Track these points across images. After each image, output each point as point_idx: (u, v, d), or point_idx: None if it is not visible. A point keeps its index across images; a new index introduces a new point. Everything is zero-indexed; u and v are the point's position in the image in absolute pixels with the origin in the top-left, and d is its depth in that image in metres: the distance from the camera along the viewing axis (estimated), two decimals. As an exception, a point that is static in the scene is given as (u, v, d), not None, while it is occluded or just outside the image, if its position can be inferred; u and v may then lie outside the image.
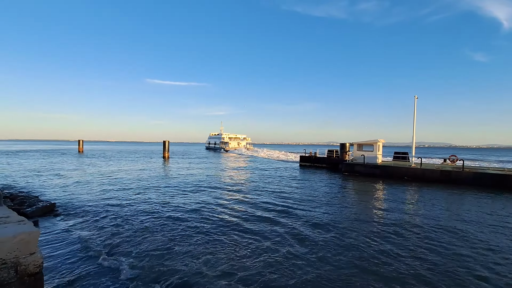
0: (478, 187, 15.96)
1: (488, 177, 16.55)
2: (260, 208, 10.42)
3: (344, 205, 11.18)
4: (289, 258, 5.82)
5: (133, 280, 4.84)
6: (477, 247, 6.61)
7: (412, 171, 19.53)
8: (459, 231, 7.85)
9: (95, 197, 11.88)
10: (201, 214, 9.36)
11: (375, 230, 7.77)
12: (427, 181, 18.20)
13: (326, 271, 5.29)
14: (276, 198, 12.32)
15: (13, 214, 3.46)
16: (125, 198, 11.86)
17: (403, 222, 8.63)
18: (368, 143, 23.83)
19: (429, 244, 6.74)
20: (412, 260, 5.82)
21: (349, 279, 4.98)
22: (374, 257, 5.93)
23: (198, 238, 6.97)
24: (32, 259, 2.82)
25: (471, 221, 8.95)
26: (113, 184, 15.74)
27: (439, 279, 4.99)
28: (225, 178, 19.60)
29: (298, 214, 9.52)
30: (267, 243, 6.71)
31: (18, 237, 2.75)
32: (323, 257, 5.93)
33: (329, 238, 7.09)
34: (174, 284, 4.72)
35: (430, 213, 9.95)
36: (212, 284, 4.74)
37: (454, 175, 17.67)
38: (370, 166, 21.77)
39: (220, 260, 5.70)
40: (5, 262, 2.64)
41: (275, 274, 5.13)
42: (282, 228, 7.92)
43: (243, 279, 4.94)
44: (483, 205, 11.40)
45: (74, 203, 10.71)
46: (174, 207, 10.33)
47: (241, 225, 8.18)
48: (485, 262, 5.76)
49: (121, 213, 9.40)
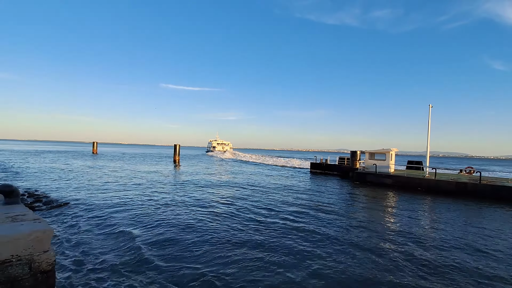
0: (496, 201, 15.28)
1: (508, 190, 15.84)
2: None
3: (353, 217, 10.94)
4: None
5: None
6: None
7: (426, 182, 18.94)
8: (486, 249, 7.51)
9: (108, 198, 12.12)
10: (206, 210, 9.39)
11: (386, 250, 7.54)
12: (442, 193, 17.59)
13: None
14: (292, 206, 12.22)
15: (30, 212, 3.57)
16: (133, 198, 12.04)
17: (426, 246, 8.33)
18: (380, 152, 23.34)
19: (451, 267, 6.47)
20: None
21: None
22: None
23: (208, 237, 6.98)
24: (45, 257, 2.90)
25: (495, 237, 8.56)
26: (125, 184, 16.03)
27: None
28: (224, 181, 19.63)
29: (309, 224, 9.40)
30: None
31: (33, 234, 2.83)
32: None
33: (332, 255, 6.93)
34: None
35: (450, 229, 9.59)
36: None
37: (471, 187, 17.00)
38: (382, 176, 21.28)
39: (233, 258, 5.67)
40: (20, 259, 2.72)
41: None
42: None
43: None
44: (506, 221, 10.89)
45: (87, 203, 10.94)
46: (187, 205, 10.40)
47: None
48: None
49: (122, 213, 9.55)
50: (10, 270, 2.66)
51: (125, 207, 10.55)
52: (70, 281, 4.80)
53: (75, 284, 4.72)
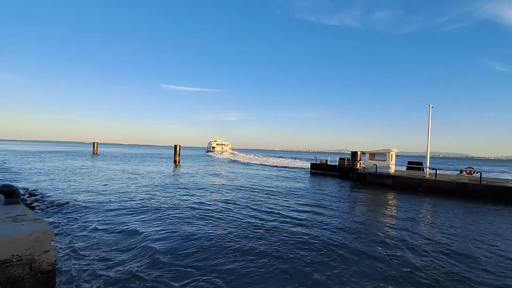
0: (497, 201, 15.27)
1: (508, 191, 15.81)
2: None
3: (353, 217, 10.93)
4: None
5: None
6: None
7: (426, 182, 18.92)
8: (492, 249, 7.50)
9: (108, 198, 12.12)
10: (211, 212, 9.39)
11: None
12: (442, 193, 17.57)
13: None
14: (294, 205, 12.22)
15: (30, 212, 3.58)
16: (134, 198, 12.04)
17: (428, 245, 8.33)
18: (380, 152, 23.33)
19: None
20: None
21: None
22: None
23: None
24: (46, 257, 2.90)
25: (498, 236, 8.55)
26: (125, 184, 16.03)
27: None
28: (226, 182, 19.63)
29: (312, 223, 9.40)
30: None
31: (34, 235, 2.83)
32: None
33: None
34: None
35: (450, 229, 9.57)
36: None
37: (471, 188, 16.98)
38: (382, 176, 21.26)
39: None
40: (20, 259, 2.72)
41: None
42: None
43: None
44: (507, 221, 10.88)
45: (88, 203, 10.94)
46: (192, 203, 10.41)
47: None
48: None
49: (122, 213, 9.55)
50: (10, 270, 2.66)
51: (126, 207, 10.54)
52: (70, 281, 4.80)
53: (75, 284, 4.72)
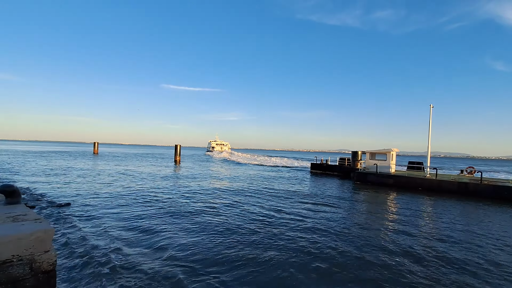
0: (498, 201, 15.25)
1: (509, 190, 15.79)
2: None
3: (354, 218, 10.92)
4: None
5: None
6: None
7: (427, 182, 18.91)
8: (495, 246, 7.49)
9: (109, 198, 12.12)
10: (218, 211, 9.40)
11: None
12: (443, 193, 17.55)
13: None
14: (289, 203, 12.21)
15: (31, 212, 3.57)
16: (135, 198, 12.05)
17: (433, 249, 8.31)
18: (381, 152, 23.31)
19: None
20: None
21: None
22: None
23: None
24: (46, 257, 2.89)
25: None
26: (126, 184, 16.04)
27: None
28: (227, 181, 19.63)
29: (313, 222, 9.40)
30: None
31: (34, 234, 2.82)
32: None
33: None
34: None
35: (451, 229, 9.56)
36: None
37: (472, 187, 16.97)
38: (383, 176, 21.25)
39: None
40: (21, 259, 2.72)
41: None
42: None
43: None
44: (508, 221, 10.86)
45: (88, 203, 10.95)
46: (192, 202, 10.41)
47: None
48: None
49: (123, 213, 9.56)
50: (11, 270, 2.65)
51: (126, 207, 10.55)
52: (70, 281, 4.81)
53: (76, 284, 4.73)
